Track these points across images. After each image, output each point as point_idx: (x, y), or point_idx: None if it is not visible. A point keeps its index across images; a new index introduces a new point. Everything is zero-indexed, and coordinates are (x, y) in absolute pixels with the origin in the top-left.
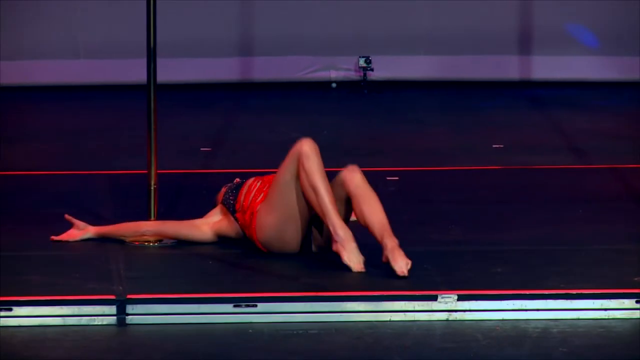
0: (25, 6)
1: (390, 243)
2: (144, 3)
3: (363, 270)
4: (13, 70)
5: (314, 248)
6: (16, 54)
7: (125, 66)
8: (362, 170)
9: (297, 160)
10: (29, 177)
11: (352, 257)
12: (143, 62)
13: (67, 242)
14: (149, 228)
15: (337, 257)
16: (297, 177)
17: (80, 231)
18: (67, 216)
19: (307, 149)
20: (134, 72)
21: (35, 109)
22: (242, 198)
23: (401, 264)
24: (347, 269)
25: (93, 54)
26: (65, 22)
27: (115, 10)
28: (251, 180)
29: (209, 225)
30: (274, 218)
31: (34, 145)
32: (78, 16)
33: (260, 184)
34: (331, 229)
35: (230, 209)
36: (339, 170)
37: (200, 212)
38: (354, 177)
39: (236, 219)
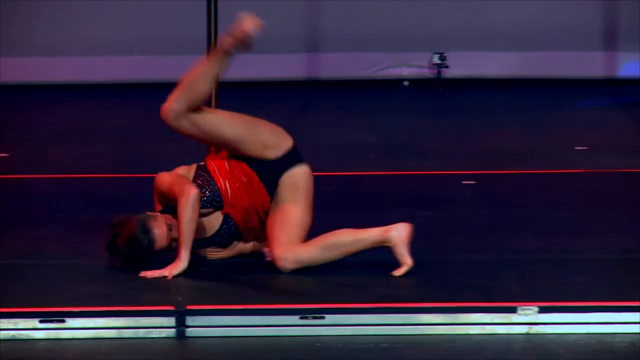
0: (79, 2)
1: None
2: None
3: None
4: (65, 66)
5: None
6: (69, 50)
7: (183, 63)
8: (435, 174)
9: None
10: (78, 180)
11: None
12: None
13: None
14: None
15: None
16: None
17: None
18: None
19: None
20: None
21: (88, 107)
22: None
23: None
24: (421, 278)
25: (148, 51)
26: (120, 17)
27: (172, 5)
28: (220, 178)
29: None
30: None
31: (83, 147)
32: (133, 11)
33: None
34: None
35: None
36: (408, 174)
37: None
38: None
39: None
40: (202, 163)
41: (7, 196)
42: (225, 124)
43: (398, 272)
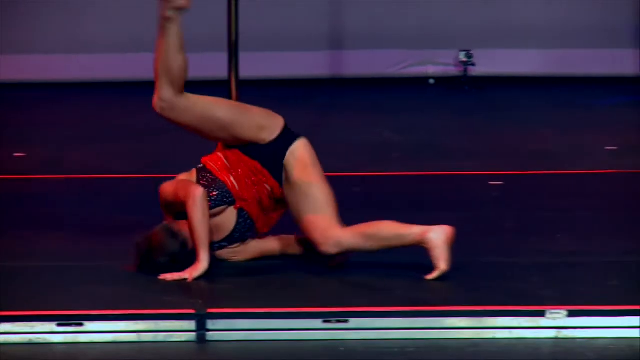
0: (87, 2)
1: None
2: None
3: None
4: (85, 64)
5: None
6: (87, 48)
7: (204, 60)
8: (461, 174)
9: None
10: (91, 180)
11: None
12: (224, 56)
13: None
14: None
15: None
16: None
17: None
18: None
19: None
20: (214, 66)
21: (106, 105)
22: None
23: None
24: (447, 281)
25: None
26: (140, 14)
27: (194, 2)
28: (223, 175)
29: None
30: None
31: (101, 146)
32: (153, 8)
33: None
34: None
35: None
36: (434, 174)
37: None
38: None
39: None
40: (200, 165)
41: (20, 197)
42: (216, 107)
43: (430, 276)
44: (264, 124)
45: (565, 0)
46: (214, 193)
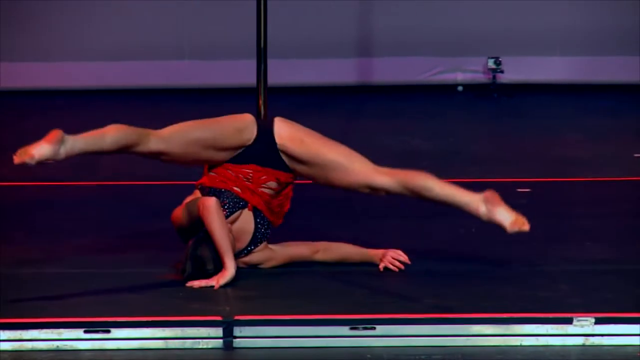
0: (132, 6)
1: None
2: (254, 1)
3: None
4: (117, 71)
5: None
6: (119, 55)
7: (233, 67)
8: (490, 181)
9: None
10: (124, 187)
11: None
12: (253, 63)
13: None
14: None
15: (461, 276)
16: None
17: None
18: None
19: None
20: (243, 74)
21: (137, 111)
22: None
23: None
24: (474, 289)
25: (199, 55)
26: (170, 21)
27: (222, 9)
28: (225, 186)
29: None
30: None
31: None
32: (184, 15)
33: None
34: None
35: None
36: (462, 181)
37: (307, 222)
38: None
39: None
40: (199, 186)
41: (50, 203)
42: (191, 130)
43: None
44: (240, 126)
45: (594, 9)
46: (225, 201)
